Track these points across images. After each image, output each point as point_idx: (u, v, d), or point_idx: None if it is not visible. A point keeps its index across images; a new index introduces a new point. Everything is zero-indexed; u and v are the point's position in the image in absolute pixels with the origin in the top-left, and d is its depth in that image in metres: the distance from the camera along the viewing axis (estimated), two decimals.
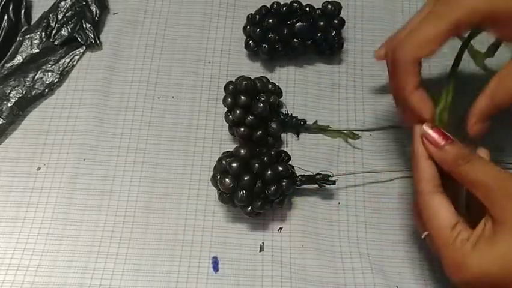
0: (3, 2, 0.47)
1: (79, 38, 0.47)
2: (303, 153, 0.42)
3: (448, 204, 0.31)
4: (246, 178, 0.36)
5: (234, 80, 0.41)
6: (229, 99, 0.40)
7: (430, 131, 0.32)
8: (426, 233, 0.32)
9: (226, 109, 0.41)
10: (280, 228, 0.39)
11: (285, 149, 0.42)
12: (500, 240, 0.28)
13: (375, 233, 0.40)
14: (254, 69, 0.46)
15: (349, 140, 0.43)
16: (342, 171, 0.42)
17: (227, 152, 0.38)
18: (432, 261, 0.38)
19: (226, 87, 0.41)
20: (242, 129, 0.40)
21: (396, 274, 0.38)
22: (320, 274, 0.38)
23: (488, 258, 0.28)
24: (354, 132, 0.43)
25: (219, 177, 0.36)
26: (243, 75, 0.41)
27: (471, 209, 0.33)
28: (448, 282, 0.31)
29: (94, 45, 0.47)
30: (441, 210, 0.31)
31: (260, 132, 0.40)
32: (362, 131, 0.43)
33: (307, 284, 0.37)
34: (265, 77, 0.42)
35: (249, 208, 0.37)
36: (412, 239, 0.39)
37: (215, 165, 0.38)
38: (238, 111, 0.39)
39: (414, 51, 0.32)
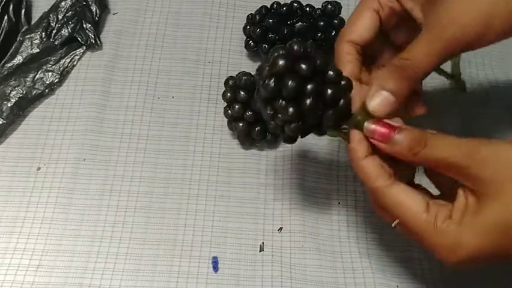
0: (3, 2, 0.47)
1: (79, 38, 0.47)
2: (303, 153, 0.42)
3: (409, 190, 0.29)
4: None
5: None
6: (229, 94, 0.40)
7: (373, 127, 0.29)
8: (396, 221, 0.29)
9: (225, 104, 0.41)
10: (280, 228, 0.39)
11: (285, 149, 0.42)
12: (489, 212, 0.27)
13: (375, 233, 0.40)
14: (254, 69, 0.46)
15: None
16: (343, 172, 0.41)
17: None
18: (432, 261, 0.38)
19: (226, 82, 0.41)
20: (241, 124, 0.40)
21: (396, 274, 0.38)
22: (320, 274, 0.38)
23: (479, 232, 0.27)
24: None
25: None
26: (243, 71, 0.41)
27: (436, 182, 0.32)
28: (447, 282, 0.30)
29: (94, 45, 0.47)
30: (407, 199, 0.29)
31: (259, 128, 0.40)
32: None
33: (307, 284, 0.37)
34: None
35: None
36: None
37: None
38: (237, 107, 0.40)
39: (345, 34, 0.34)
